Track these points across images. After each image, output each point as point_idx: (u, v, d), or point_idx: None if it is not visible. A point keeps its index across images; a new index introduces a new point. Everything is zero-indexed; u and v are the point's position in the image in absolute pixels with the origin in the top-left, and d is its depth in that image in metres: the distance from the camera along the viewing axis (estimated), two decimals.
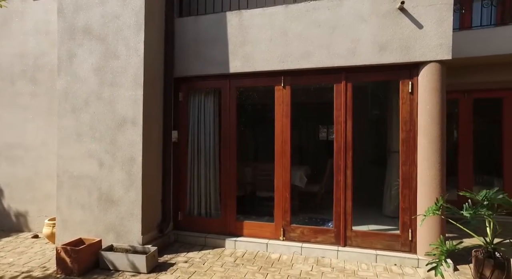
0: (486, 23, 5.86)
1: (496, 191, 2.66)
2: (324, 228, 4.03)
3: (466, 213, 2.56)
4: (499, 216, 2.69)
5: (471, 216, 2.52)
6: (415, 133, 3.66)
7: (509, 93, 5.48)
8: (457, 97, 5.72)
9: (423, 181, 3.56)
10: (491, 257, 2.51)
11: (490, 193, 2.68)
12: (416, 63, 3.64)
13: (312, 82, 4.13)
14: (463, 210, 2.61)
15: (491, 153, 6.04)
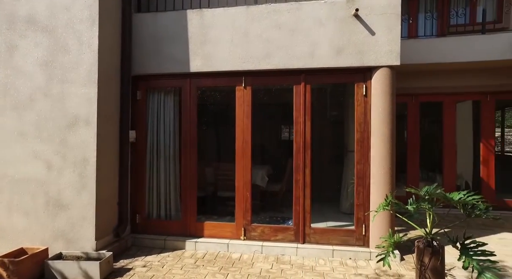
0: (429, 33, 6.40)
1: (435, 186, 2.91)
2: (284, 226, 4.12)
3: (410, 207, 2.77)
4: (439, 209, 2.94)
5: (414, 210, 2.74)
6: (368, 134, 3.88)
7: (447, 97, 6.03)
8: (406, 100, 6.16)
9: (376, 179, 3.79)
10: (430, 246, 2.74)
11: (430, 189, 2.92)
12: (369, 67, 3.86)
13: (272, 83, 4.21)
14: (408, 205, 2.83)
15: (435, 152, 6.59)
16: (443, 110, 6.09)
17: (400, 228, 4.59)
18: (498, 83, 5.79)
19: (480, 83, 5.86)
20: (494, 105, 5.94)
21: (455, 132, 6.13)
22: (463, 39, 5.49)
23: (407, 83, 6.07)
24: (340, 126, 6.30)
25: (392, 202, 2.98)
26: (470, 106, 6.52)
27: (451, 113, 6.07)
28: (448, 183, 6.05)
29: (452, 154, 6.07)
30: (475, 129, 6.35)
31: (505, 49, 5.27)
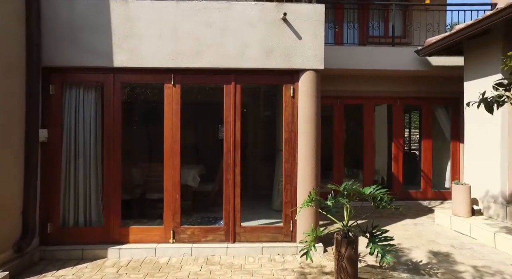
0: (352, 42, 7.00)
1: (351, 182, 3.20)
2: (214, 227, 4.09)
3: (329, 203, 2.99)
4: (358, 202, 3.22)
5: (333, 205, 2.97)
6: (296, 133, 4.07)
7: (366, 100, 6.68)
8: (332, 102, 6.64)
9: (302, 177, 3.99)
10: (346, 237, 2.99)
11: (348, 185, 3.19)
12: (296, 70, 4.04)
13: (202, 82, 4.14)
14: (327, 200, 3.05)
15: (357, 150, 7.24)
16: (363, 112, 6.72)
17: (326, 222, 4.93)
18: (405, 90, 6.61)
19: (392, 89, 6.61)
20: (403, 109, 6.77)
21: (373, 132, 6.81)
22: (379, 49, 6.13)
23: (333, 86, 6.54)
24: (272, 126, 6.51)
25: (315, 198, 3.17)
26: (386, 109, 7.32)
27: (370, 115, 6.74)
28: (367, 179, 6.70)
29: (371, 152, 6.74)
30: (389, 130, 7.15)
31: (408, 61, 6.03)
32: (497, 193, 4.58)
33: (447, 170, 6.99)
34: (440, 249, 3.99)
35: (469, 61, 5.15)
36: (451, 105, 6.81)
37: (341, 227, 3.14)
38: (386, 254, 2.65)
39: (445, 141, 6.96)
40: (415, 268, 3.43)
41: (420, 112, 6.96)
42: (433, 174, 6.87)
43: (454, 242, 4.23)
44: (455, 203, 4.82)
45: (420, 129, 7.04)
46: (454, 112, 6.81)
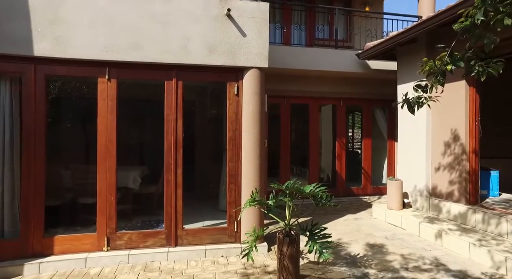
0: (300, 42, 7.17)
1: (294, 181, 3.23)
2: (154, 231, 3.85)
3: (270, 202, 2.98)
4: (305, 200, 3.25)
5: (274, 204, 2.96)
6: (240, 132, 4.00)
7: (312, 100, 6.89)
8: (279, 101, 6.72)
9: (246, 176, 3.94)
10: (288, 236, 3.01)
11: (290, 184, 3.21)
12: (241, 67, 3.98)
13: (141, 77, 3.86)
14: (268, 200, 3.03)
15: (303, 149, 7.44)
16: (309, 112, 6.92)
17: (272, 221, 4.95)
18: (347, 91, 6.96)
19: (336, 90, 6.91)
20: (345, 109, 7.11)
21: (319, 132, 7.06)
22: (324, 51, 6.35)
23: (281, 86, 6.63)
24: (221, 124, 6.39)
25: (258, 198, 3.13)
26: (331, 110, 7.63)
27: (316, 115, 6.96)
28: (313, 177, 6.91)
29: (316, 151, 6.96)
30: (334, 129, 7.46)
31: (350, 63, 6.35)
32: (422, 187, 5.02)
33: (384, 167, 7.52)
34: (376, 241, 4.23)
35: (401, 66, 5.57)
36: (388, 106, 7.33)
37: (283, 226, 3.14)
38: (324, 251, 2.70)
39: (383, 140, 7.48)
40: (353, 261, 3.58)
41: (361, 112, 7.38)
42: (373, 171, 7.33)
43: (387, 234, 4.53)
44: (389, 198, 5.17)
45: (361, 129, 7.47)
46: (390, 113, 7.33)
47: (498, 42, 1.58)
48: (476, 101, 4.37)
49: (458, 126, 4.48)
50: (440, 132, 4.77)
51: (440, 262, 3.53)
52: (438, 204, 4.70)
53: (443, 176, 4.70)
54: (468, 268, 3.38)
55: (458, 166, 4.45)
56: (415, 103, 1.92)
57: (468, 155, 4.36)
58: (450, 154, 4.59)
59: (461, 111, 4.44)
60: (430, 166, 4.94)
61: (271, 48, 6.08)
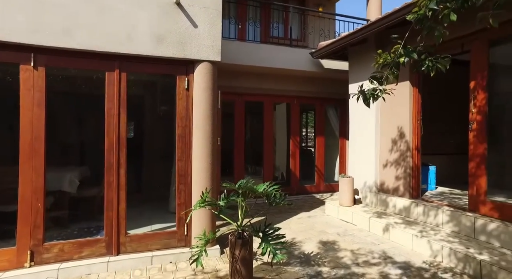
0: (255, 39, 7.07)
1: (247, 180, 3.09)
2: (92, 239, 3.44)
3: (221, 203, 2.80)
4: (255, 199, 3.12)
5: (225, 205, 2.79)
6: (190, 129, 3.75)
7: (267, 98, 6.84)
8: (233, 98, 6.56)
9: (197, 175, 3.71)
10: (241, 238, 2.86)
11: (243, 183, 3.07)
12: (191, 60, 3.73)
13: (76, 66, 3.42)
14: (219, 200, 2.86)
15: (258, 147, 7.37)
16: (264, 110, 6.85)
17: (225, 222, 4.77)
18: (301, 89, 7.03)
19: (290, 88, 6.93)
20: (299, 108, 7.18)
21: (273, 130, 7.03)
22: (279, 48, 6.32)
23: (235, 83, 6.47)
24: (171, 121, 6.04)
25: (208, 199, 2.93)
26: (285, 108, 7.66)
27: (270, 113, 6.91)
28: (267, 175, 6.86)
29: (270, 149, 6.92)
30: (288, 127, 7.50)
31: (304, 62, 6.41)
32: (372, 183, 5.22)
33: (336, 165, 7.75)
34: (328, 238, 4.28)
35: (352, 66, 5.74)
36: (339, 105, 7.56)
37: (236, 228, 2.99)
38: (277, 252, 2.59)
39: (335, 138, 7.70)
40: (306, 260, 3.55)
41: (314, 111, 7.51)
42: (325, 169, 7.52)
43: (339, 230, 4.61)
44: (341, 195, 5.30)
45: (314, 128, 7.61)
46: (342, 112, 7.58)
47: (447, 35, 1.60)
48: (418, 101, 4.63)
49: (403, 124, 4.72)
50: (388, 130, 4.99)
51: (387, 255, 3.65)
52: (385, 199, 4.91)
53: (390, 172, 4.93)
54: (411, 259, 3.54)
55: (403, 162, 4.69)
56: (370, 95, 1.90)
57: (412, 152, 4.61)
58: (396, 151, 4.81)
59: (405, 110, 4.67)
60: (379, 162, 5.15)
61: (225, 43, 5.91)
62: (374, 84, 1.91)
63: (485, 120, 3.70)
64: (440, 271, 3.26)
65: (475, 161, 3.79)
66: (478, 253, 3.23)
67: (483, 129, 3.71)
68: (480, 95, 3.75)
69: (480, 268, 3.09)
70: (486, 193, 3.69)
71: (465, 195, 4.93)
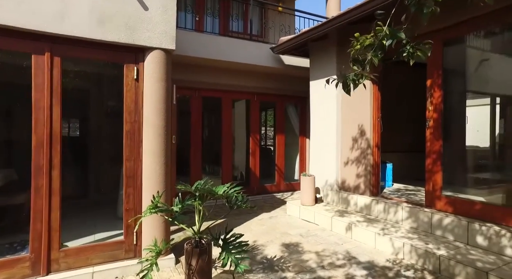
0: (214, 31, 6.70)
1: (204, 181, 2.76)
2: (12, 259, 2.83)
3: (175, 208, 2.44)
4: (214, 201, 2.80)
5: (180, 210, 2.44)
6: (140, 125, 3.31)
7: (225, 94, 6.52)
8: (190, 94, 6.13)
9: (149, 177, 3.28)
10: (198, 246, 2.53)
11: (200, 184, 2.74)
12: (141, 47, 3.29)
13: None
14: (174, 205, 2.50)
15: (216, 146, 7.01)
16: (222, 106, 6.52)
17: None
18: (261, 86, 6.82)
19: (250, 84, 6.69)
20: (259, 105, 6.97)
21: (232, 127, 6.72)
22: (239, 42, 6.02)
23: (192, 77, 6.05)
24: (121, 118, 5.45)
25: (160, 204, 2.55)
26: (244, 105, 7.39)
27: (229, 110, 6.60)
28: (226, 175, 6.54)
29: (229, 148, 6.60)
30: (248, 125, 7.25)
31: (265, 57, 6.20)
32: (333, 181, 5.18)
33: (296, 163, 7.68)
34: (291, 240, 4.10)
35: (313, 62, 5.66)
36: (300, 103, 7.50)
37: (192, 235, 2.65)
38: (239, 263, 2.31)
39: (295, 136, 7.63)
40: (270, 266, 3.32)
41: (274, 108, 7.35)
42: (286, 167, 7.40)
43: (302, 231, 4.47)
44: (303, 194, 5.18)
45: (274, 125, 7.46)
46: (302, 110, 7.53)
47: (438, 11, 1.45)
48: (378, 98, 4.66)
49: (363, 121, 4.71)
50: (348, 128, 4.97)
51: (351, 255, 3.56)
52: (347, 197, 4.88)
53: (351, 170, 4.91)
54: (374, 258, 3.48)
55: (364, 160, 4.69)
56: (351, 81, 1.70)
57: (372, 149, 4.63)
58: (357, 149, 4.81)
59: (366, 107, 4.67)
60: (340, 160, 5.12)
61: (182, 33, 5.47)
62: (356, 67, 1.71)
63: (441, 118, 3.79)
64: (403, 268, 3.23)
65: (432, 157, 3.86)
66: (437, 248, 3.26)
67: (439, 127, 3.80)
68: (436, 93, 3.84)
69: (439, 263, 3.11)
70: (441, 189, 3.78)
71: (419, 191, 5.10)
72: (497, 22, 3.44)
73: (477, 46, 4.20)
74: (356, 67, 1.68)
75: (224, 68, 6.31)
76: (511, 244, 3.04)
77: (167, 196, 3.39)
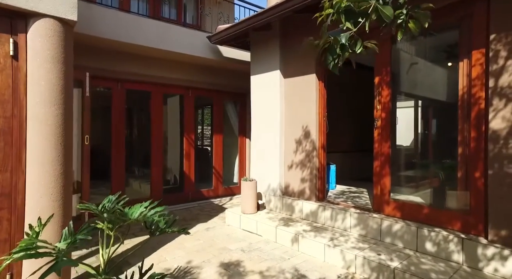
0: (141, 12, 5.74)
1: (116, 198, 2.01)
2: None
3: (60, 245, 1.63)
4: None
5: (68, 246, 1.63)
6: (22, 121, 2.37)
7: (155, 87, 5.63)
8: (110, 85, 5.10)
9: (38, 194, 2.36)
10: None
11: (110, 201, 1.98)
12: (21, 11, 2.35)
13: None
14: (61, 239, 1.69)
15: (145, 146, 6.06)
16: (151, 101, 5.61)
17: (94, 248, 3.44)
18: (197, 80, 6.09)
19: (184, 77, 5.90)
20: (194, 101, 6.22)
21: (164, 125, 5.85)
22: (171, 27, 5.20)
23: (113, 65, 5.04)
24: None
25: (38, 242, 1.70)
26: (178, 100, 6.55)
27: (159, 106, 5.71)
28: (156, 180, 5.66)
29: (160, 149, 5.72)
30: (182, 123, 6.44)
31: (201, 47, 5.49)
32: (276, 186, 4.74)
33: (236, 166, 7.12)
34: (232, 257, 3.51)
35: (255, 56, 5.15)
36: (240, 100, 6.95)
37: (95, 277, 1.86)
38: None
39: (234, 136, 7.06)
40: None
41: (212, 106, 6.67)
42: (224, 170, 6.79)
43: (244, 244, 3.91)
44: (244, 201, 4.63)
45: (211, 124, 6.77)
46: (242, 108, 6.99)
47: None
48: (324, 96, 4.35)
49: (309, 121, 4.36)
50: (293, 127, 4.58)
51: (300, 273, 3.12)
52: (291, 203, 4.48)
53: (295, 174, 4.52)
54: (326, 274, 3.10)
55: (309, 163, 4.33)
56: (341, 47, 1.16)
57: (318, 151, 4.30)
58: (302, 151, 4.43)
59: (311, 105, 4.32)
60: (283, 163, 4.70)
61: (98, 10, 4.47)
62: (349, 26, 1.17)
63: (390, 117, 3.60)
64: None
65: (380, 160, 3.65)
66: (389, 259, 3.00)
67: (388, 126, 3.60)
68: (384, 91, 3.63)
69: (393, 276, 2.84)
70: (390, 192, 3.59)
71: (362, 193, 4.96)
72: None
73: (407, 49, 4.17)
74: (350, 25, 1.14)
75: (154, 57, 5.43)
76: (458, 249, 2.92)
77: (65, 219, 2.51)
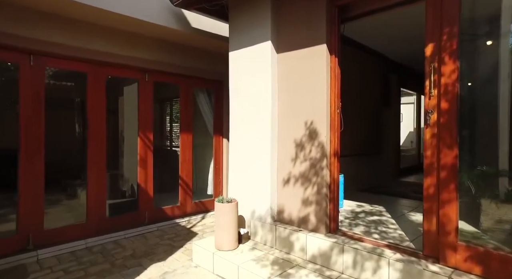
0: None
1: None
2: None
3: None
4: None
5: None
6: None
7: (93, 67, 3.98)
8: (16, 59, 3.43)
9: None
10: None
11: None
12: None
13: None
14: None
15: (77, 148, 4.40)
16: (87, 87, 3.97)
17: None
18: (156, 59, 4.50)
19: (137, 54, 4.30)
20: (153, 88, 4.62)
21: (105, 118, 4.19)
22: None
23: (23, 29, 3.38)
24: None
25: None
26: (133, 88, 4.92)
27: (100, 92, 4.06)
28: (95, 197, 4.03)
29: (100, 152, 4.08)
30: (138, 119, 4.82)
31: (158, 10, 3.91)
32: (265, 210, 3.28)
33: (210, 173, 5.59)
34: None
35: (235, 21, 3.64)
36: (214, 89, 5.41)
37: None
38: None
39: (208, 136, 5.52)
40: None
41: (178, 95, 5.08)
42: (194, 180, 5.27)
43: None
44: (218, 232, 3.14)
45: (179, 119, 5.19)
46: (218, 99, 5.46)
47: None
48: (338, 78, 2.95)
49: (315, 115, 2.93)
50: (291, 125, 3.14)
51: None
52: (288, 237, 3.02)
53: (294, 191, 3.09)
54: None
55: (316, 176, 2.91)
56: None
57: (329, 159, 2.89)
58: (305, 159, 3.00)
59: (320, 92, 2.90)
60: (276, 177, 3.26)
61: None
62: None
63: (455, 108, 2.23)
64: None
65: (437, 176, 2.29)
66: None
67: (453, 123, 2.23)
68: (447, 67, 2.27)
69: None
70: (457, 230, 2.22)
71: (382, 215, 3.61)
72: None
73: None
74: None
75: (92, 22, 3.81)
76: None
77: None
